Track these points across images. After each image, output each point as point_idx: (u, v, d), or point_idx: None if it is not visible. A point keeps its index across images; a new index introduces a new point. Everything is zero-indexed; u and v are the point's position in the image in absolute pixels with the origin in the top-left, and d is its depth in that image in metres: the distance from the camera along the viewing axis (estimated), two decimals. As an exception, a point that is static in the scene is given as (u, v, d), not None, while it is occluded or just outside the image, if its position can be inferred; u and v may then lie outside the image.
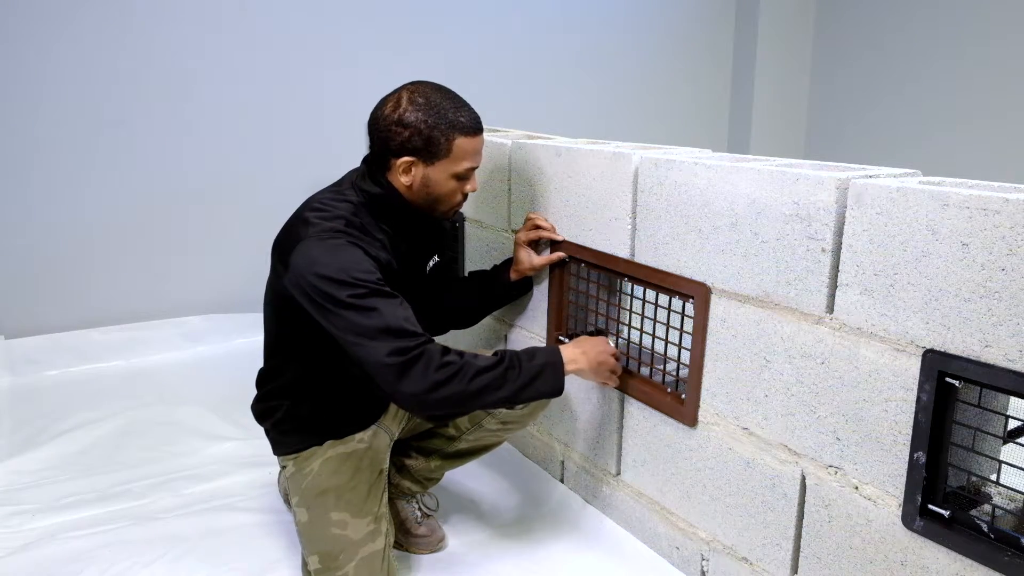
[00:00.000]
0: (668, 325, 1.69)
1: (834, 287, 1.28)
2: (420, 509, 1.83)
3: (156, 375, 2.86)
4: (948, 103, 4.07)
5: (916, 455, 1.17)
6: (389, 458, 1.72)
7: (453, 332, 2.06)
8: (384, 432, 1.69)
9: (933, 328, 1.14)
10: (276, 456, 1.68)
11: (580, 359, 1.54)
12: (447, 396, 1.34)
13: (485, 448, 1.83)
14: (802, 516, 1.40)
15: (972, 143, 3.98)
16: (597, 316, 1.89)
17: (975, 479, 1.21)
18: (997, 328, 1.06)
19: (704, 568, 1.64)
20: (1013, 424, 1.17)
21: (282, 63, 3.28)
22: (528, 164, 1.99)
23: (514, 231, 2.06)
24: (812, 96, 4.74)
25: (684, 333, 1.64)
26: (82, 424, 2.41)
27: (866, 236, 1.21)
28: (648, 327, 1.75)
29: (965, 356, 1.10)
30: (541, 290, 2.00)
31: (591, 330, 1.90)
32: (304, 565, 1.61)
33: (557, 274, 1.93)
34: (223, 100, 3.19)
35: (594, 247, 1.81)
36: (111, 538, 1.81)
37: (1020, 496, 1.18)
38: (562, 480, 2.06)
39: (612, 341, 1.85)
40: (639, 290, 1.75)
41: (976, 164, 3.90)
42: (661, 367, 1.73)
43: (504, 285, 1.93)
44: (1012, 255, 1.03)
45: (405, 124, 1.49)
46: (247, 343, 3.03)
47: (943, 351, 1.12)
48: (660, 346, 1.73)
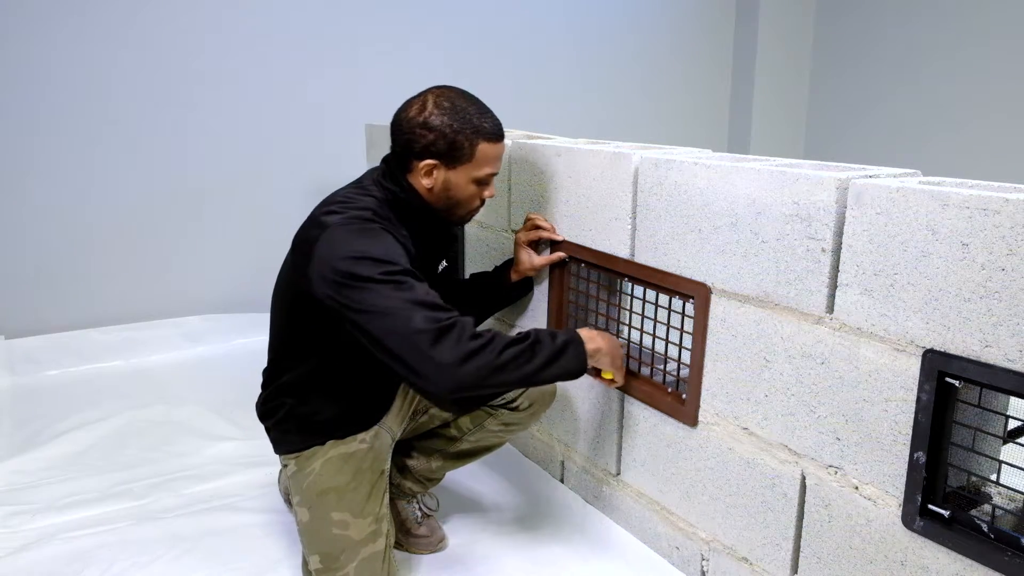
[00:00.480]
0: (668, 325, 1.69)
1: (834, 287, 1.28)
2: (420, 509, 1.83)
3: (156, 375, 2.86)
4: (948, 103, 4.07)
5: (916, 455, 1.17)
6: (391, 458, 1.72)
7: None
8: (386, 432, 1.69)
9: (933, 328, 1.14)
10: (278, 455, 1.68)
11: (599, 339, 1.50)
12: (478, 367, 1.30)
13: (487, 449, 1.83)
14: (802, 516, 1.40)
15: (972, 143, 3.98)
16: (597, 316, 1.89)
17: (975, 479, 1.21)
18: (997, 328, 1.06)
19: (704, 568, 1.64)
20: (1013, 424, 1.17)
21: (282, 63, 3.28)
22: (528, 164, 1.99)
23: (514, 231, 2.06)
24: (812, 96, 4.74)
25: (684, 333, 1.64)
26: (82, 424, 2.41)
27: (866, 236, 1.21)
28: (648, 327, 1.75)
29: (965, 356, 1.10)
30: (541, 290, 2.00)
31: None
32: (305, 564, 1.61)
33: (557, 274, 1.93)
34: (223, 100, 3.19)
35: (594, 247, 1.81)
36: (111, 538, 1.81)
37: (1020, 496, 1.18)
38: (562, 480, 2.06)
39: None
40: (639, 290, 1.76)
41: (976, 164, 3.90)
42: (661, 367, 1.73)
43: (505, 286, 1.93)
44: (1012, 255, 1.03)
45: (430, 127, 1.49)
46: (247, 343, 3.04)
47: (943, 351, 1.12)
48: (660, 346, 1.73)
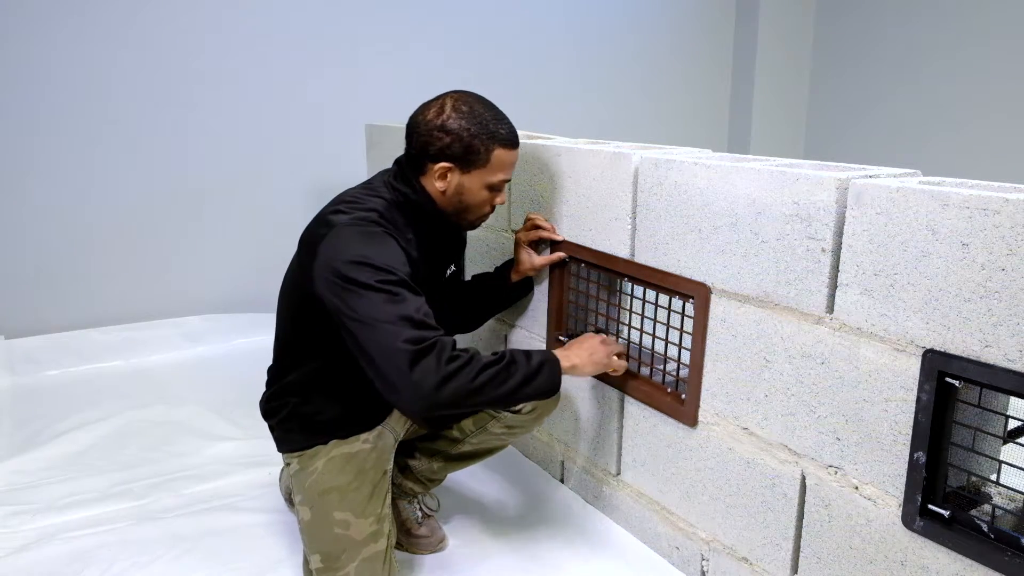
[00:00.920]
0: (668, 325, 1.69)
1: (834, 287, 1.28)
2: (421, 509, 1.83)
3: (156, 375, 2.86)
4: (948, 103, 4.07)
5: (916, 455, 1.17)
6: (393, 459, 1.72)
7: (455, 336, 2.06)
8: (389, 433, 1.69)
9: (933, 328, 1.14)
10: (280, 453, 1.68)
11: (573, 357, 1.55)
12: (454, 390, 1.32)
13: (489, 451, 1.82)
14: (802, 516, 1.40)
15: (972, 143, 3.98)
16: (597, 316, 1.89)
17: (975, 479, 1.21)
18: (997, 328, 1.06)
19: (704, 568, 1.64)
20: (1013, 424, 1.17)
21: (282, 63, 3.28)
22: (528, 164, 1.99)
23: (514, 231, 2.06)
24: (812, 96, 4.74)
25: (684, 333, 1.64)
26: (82, 424, 2.41)
27: (866, 236, 1.21)
28: (648, 327, 1.75)
29: (965, 356, 1.10)
30: (541, 290, 2.00)
31: (592, 330, 1.90)
32: (306, 564, 1.61)
33: (557, 274, 1.93)
34: (223, 100, 3.19)
35: (594, 247, 1.81)
36: (111, 538, 1.81)
37: (1020, 496, 1.18)
38: (562, 480, 2.06)
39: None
40: (639, 290, 1.76)
41: (976, 164, 3.90)
42: (661, 367, 1.73)
43: (505, 287, 1.93)
44: (1012, 255, 1.03)
45: (447, 130, 1.50)
46: (247, 343, 3.04)
47: (943, 351, 1.12)
48: (660, 346, 1.73)
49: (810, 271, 1.31)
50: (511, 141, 1.56)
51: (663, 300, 1.69)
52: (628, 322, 1.82)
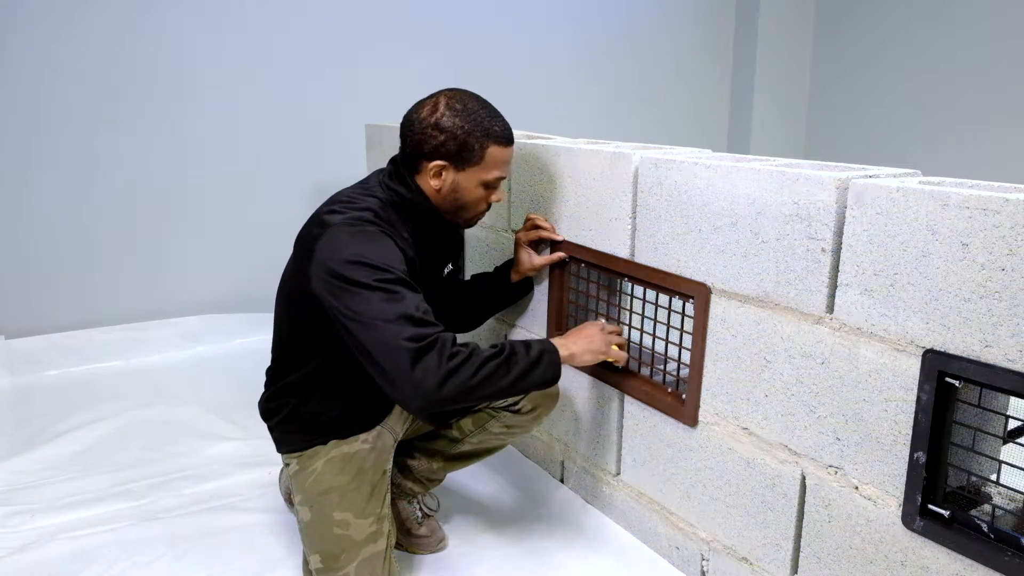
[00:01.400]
0: (668, 325, 1.69)
1: (834, 287, 1.28)
2: (421, 509, 1.83)
3: (156, 375, 2.86)
4: (948, 103, 4.07)
5: (916, 455, 1.17)
6: (392, 458, 1.72)
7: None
8: (388, 433, 1.69)
9: (933, 328, 1.14)
10: (280, 454, 1.68)
11: (571, 345, 1.55)
12: (456, 385, 1.32)
13: (488, 451, 1.82)
14: (802, 516, 1.40)
15: (972, 143, 3.98)
16: (597, 316, 1.89)
17: (975, 479, 1.21)
18: (997, 328, 1.06)
19: (704, 568, 1.64)
20: (1013, 424, 1.17)
21: (282, 63, 3.28)
22: (528, 164, 1.99)
23: (514, 231, 2.06)
24: (812, 96, 4.74)
25: (684, 333, 1.64)
26: (82, 424, 2.42)
27: (866, 236, 1.21)
28: (648, 327, 1.75)
29: (965, 356, 1.10)
30: (541, 290, 2.00)
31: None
32: (306, 564, 1.61)
33: (557, 274, 1.93)
34: (223, 100, 3.19)
35: (594, 247, 1.81)
36: (111, 538, 1.81)
37: (1020, 496, 1.18)
38: (562, 480, 2.06)
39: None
40: (639, 290, 1.76)
41: (976, 164, 3.90)
42: (661, 367, 1.73)
43: (505, 287, 1.93)
44: (1012, 255, 1.03)
45: (442, 128, 1.50)
46: (247, 343, 3.04)
47: (943, 351, 1.12)
48: (660, 346, 1.73)
49: (810, 271, 1.31)
50: (506, 138, 1.56)
51: (663, 300, 1.69)
52: (628, 322, 1.82)
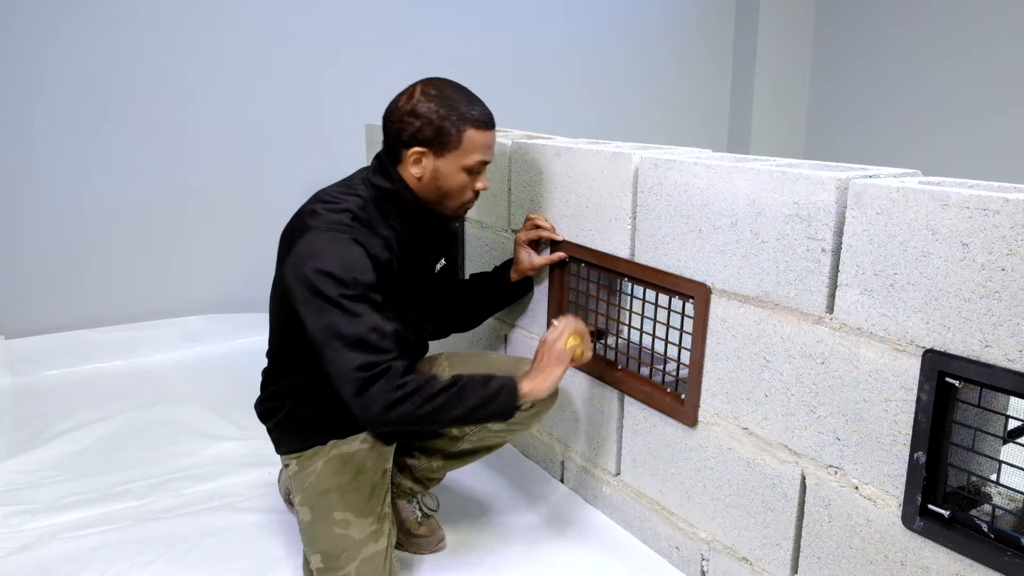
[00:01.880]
0: (668, 325, 1.69)
1: (834, 287, 1.28)
2: (421, 509, 1.83)
3: (156, 375, 2.86)
4: (948, 103, 4.07)
5: (916, 455, 1.17)
6: (392, 458, 1.72)
7: (455, 335, 2.06)
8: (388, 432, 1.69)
9: (933, 328, 1.14)
10: (279, 455, 1.68)
11: (531, 383, 1.49)
12: (400, 415, 1.37)
13: (488, 448, 1.83)
14: (802, 516, 1.40)
15: (972, 143, 3.98)
16: (597, 316, 1.89)
17: (975, 479, 1.21)
18: (997, 328, 1.06)
19: (704, 568, 1.64)
20: (1013, 424, 1.17)
21: (282, 63, 3.28)
22: (528, 164, 1.99)
23: (514, 231, 2.06)
24: (812, 96, 4.74)
25: (684, 333, 1.64)
26: (82, 424, 2.41)
27: (866, 236, 1.21)
28: (648, 327, 1.75)
29: (965, 356, 1.10)
30: (541, 290, 2.00)
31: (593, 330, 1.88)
32: (306, 564, 1.61)
33: (557, 274, 1.93)
34: (223, 100, 3.19)
35: (594, 247, 1.81)
36: (111, 538, 1.81)
37: (1020, 496, 1.18)
38: (562, 480, 2.06)
39: (612, 341, 1.86)
40: (639, 290, 1.76)
41: (976, 164, 3.90)
42: (661, 367, 1.73)
43: (505, 286, 1.93)
44: (1012, 255, 1.03)
45: (417, 114, 1.50)
46: (247, 343, 3.04)
47: (943, 351, 1.12)
48: (660, 346, 1.73)
49: (810, 271, 1.31)
50: (483, 122, 1.53)
51: (663, 300, 1.69)
52: (628, 322, 1.82)
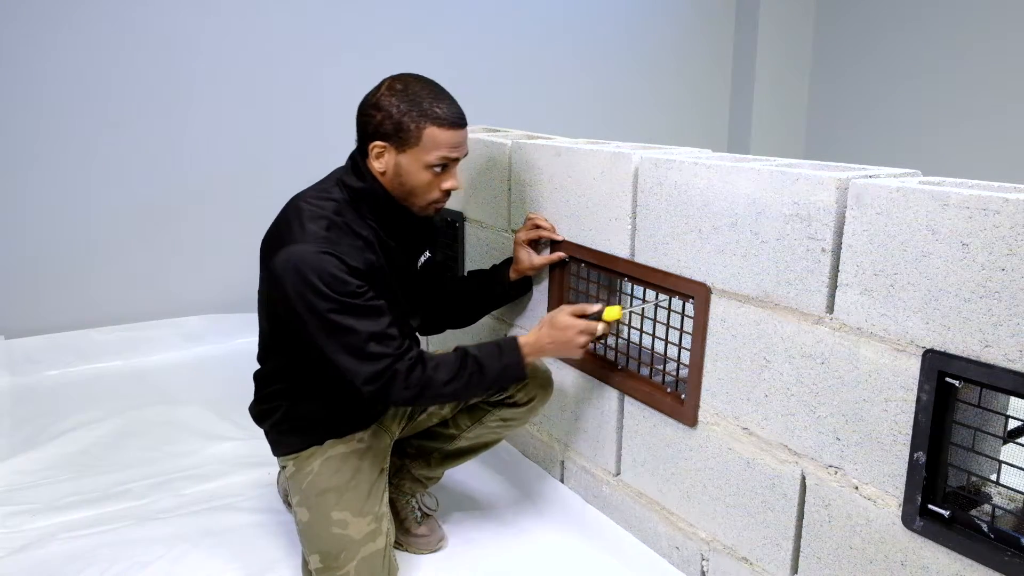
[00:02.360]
0: (668, 325, 1.69)
1: (834, 287, 1.28)
2: (420, 508, 1.83)
3: (156, 375, 2.86)
4: (948, 103, 4.07)
5: (916, 455, 1.17)
6: (389, 457, 1.72)
7: (451, 331, 2.06)
8: (384, 431, 1.69)
9: (933, 328, 1.14)
10: (276, 457, 1.68)
11: (547, 347, 1.59)
12: (417, 403, 1.54)
13: (485, 445, 1.83)
14: (802, 516, 1.40)
15: (972, 143, 3.98)
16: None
17: (975, 479, 1.21)
18: (997, 328, 1.06)
19: (704, 568, 1.64)
20: (1013, 424, 1.17)
21: (282, 63, 3.28)
22: (528, 164, 1.99)
23: (514, 231, 2.06)
24: (812, 96, 4.74)
25: (684, 333, 1.64)
26: (82, 424, 2.41)
27: (866, 236, 1.21)
28: (648, 327, 1.75)
29: (965, 356, 1.10)
30: (541, 290, 2.00)
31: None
32: (305, 564, 1.61)
33: (557, 274, 1.93)
34: (223, 100, 3.19)
35: (594, 247, 1.81)
36: (111, 538, 1.81)
37: (1020, 496, 1.18)
38: (562, 480, 2.06)
39: (612, 341, 1.85)
40: (639, 290, 1.75)
41: (976, 164, 3.90)
42: (661, 367, 1.73)
43: (504, 285, 1.93)
44: (1012, 255, 1.03)
45: (380, 108, 1.49)
46: (247, 343, 3.03)
47: (943, 351, 1.12)
48: (660, 346, 1.73)
49: (810, 271, 1.31)
50: (446, 120, 1.50)
51: (663, 300, 1.69)
52: (628, 322, 1.82)
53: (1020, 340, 1.03)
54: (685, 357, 1.64)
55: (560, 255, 1.88)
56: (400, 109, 1.48)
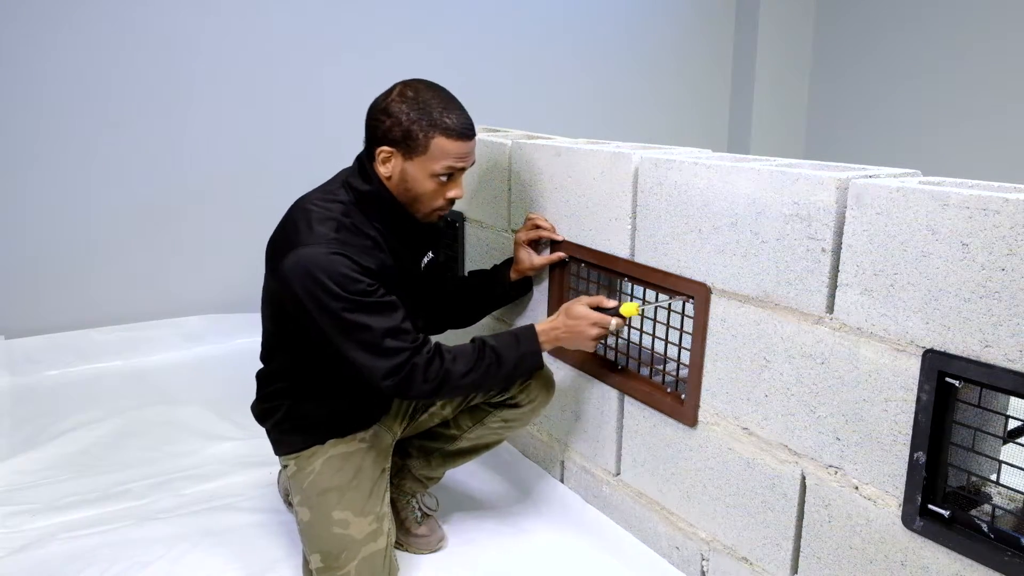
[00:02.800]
0: (668, 325, 1.69)
1: (834, 287, 1.28)
2: (420, 509, 1.83)
3: (156, 375, 2.86)
4: (948, 103, 4.07)
5: (916, 455, 1.17)
6: (391, 457, 1.72)
7: (452, 331, 2.06)
8: (386, 431, 1.69)
9: (933, 328, 1.14)
10: (277, 456, 1.68)
11: (562, 337, 1.59)
12: (437, 396, 1.52)
13: (486, 446, 1.83)
14: (802, 516, 1.40)
15: (972, 143, 3.98)
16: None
17: (975, 479, 1.21)
18: (997, 328, 1.06)
19: (704, 568, 1.64)
20: (1013, 424, 1.17)
21: (282, 62, 3.28)
22: (528, 164, 1.99)
23: (514, 231, 2.06)
24: (812, 96, 4.74)
25: (684, 333, 1.64)
26: (82, 424, 2.41)
27: (866, 236, 1.21)
28: (648, 327, 1.75)
29: (965, 356, 1.10)
30: (541, 290, 2.00)
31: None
32: (305, 564, 1.61)
33: (557, 274, 1.93)
34: (223, 100, 3.19)
35: (594, 247, 1.81)
36: (111, 538, 1.81)
37: (1020, 496, 1.18)
38: (562, 480, 2.06)
39: (612, 341, 1.85)
40: (639, 290, 1.75)
41: (976, 164, 3.90)
42: (661, 367, 1.73)
43: (504, 285, 1.93)
44: (1012, 255, 1.03)
45: (389, 114, 1.49)
46: (247, 343, 3.03)
47: (943, 351, 1.12)
48: (660, 346, 1.73)
49: (810, 271, 1.31)
50: (455, 131, 1.50)
51: (663, 300, 1.69)
52: (628, 322, 1.82)
53: (1020, 340, 1.03)
54: (685, 357, 1.64)
55: (560, 255, 1.88)
56: (410, 117, 1.48)
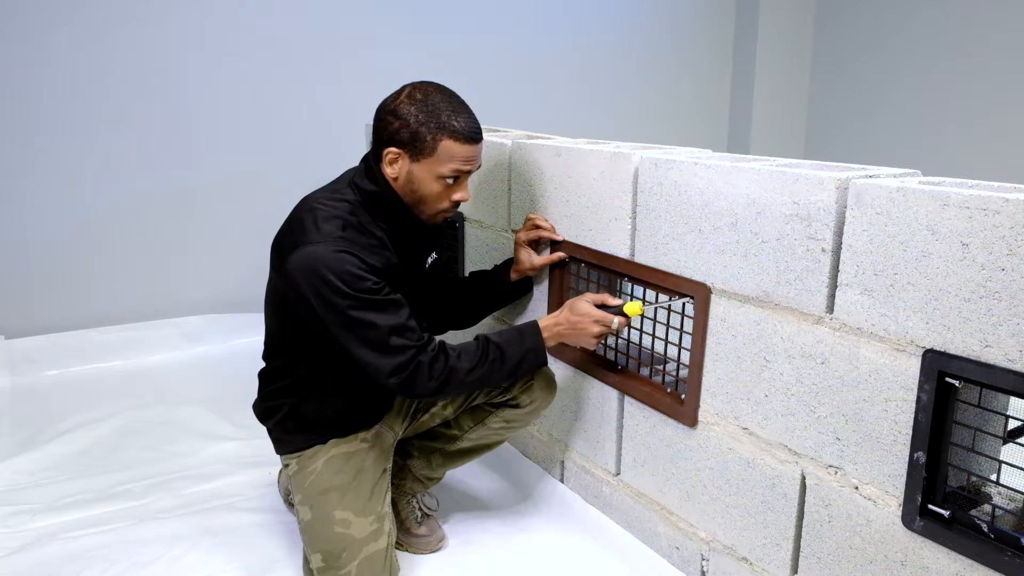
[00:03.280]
0: (668, 325, 1.69)
1: (834, 287, 1.28)
2: (420, 509, 1.83)
3: (156, 375, 2.86)
4: (948, 103, 4.07)
5: (916, 455, 1.17)
6: (392, 457, 1.72)
7: (453, 332, 2.06)
8: (388, 431, 1.69)
9: (933, 328, 1.14)
10: (279, 455, 1.68)
11: (565, 333, 1.60)
12: (442, 395, 1.52)
13: (487, 447, 1.83)
14: (802, 516, 1.40)
15: (972, 143, 3.98)
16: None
17: (975, 479, 1.21)
18: (997, 328, 1.06)
19: (704, 568, 1.64)
20: (1013, 424, 1.17)
21: (283, 62, 3.28)
22: (528, 164, 1.99)
23: (514, 231, 2.06)
24: (812, 96, 4.74)
25: (684, 333, 1.64)
26: (82, 424, 2.41)
27: (866, 236, 1.21)
28: (648, 327, 1.75)
29: (965, 356, 1.10)
30: (541, 290, 2.00)
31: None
32: (306, 563, 1.61)
33: (557, 274, 1.93)
34: (223, 99, 3.19)
35: (594, 247, 1.81)
36: (111, 538, 1.81)
37: (1020, 496, 1.18)
38: (562, 480, 2.06)
39: (612, 341, 1.86)
40: (639, 290, 1.75)
41: (976, 164, 3.90)
42: (661, 367, 1.73)
43: (504, 285, 1.93)
44: (1012, 255, 1.03)
45: (398, 115, 1.49)
46: (247, 343, 3.03)
47: (943, 351, 1.12)
48: (660, 346, 1.73)
49: (810, 271, 1.31)
50: (463, 134, 1.50)
51: (663, 300, 1.69)
52: (631, 324, 1.82)
53: (1020, 340, 1.03)
54: (685, 357, 1.64)
55: (560, 255, 1.88)
56: (418, 119, 1.48)
